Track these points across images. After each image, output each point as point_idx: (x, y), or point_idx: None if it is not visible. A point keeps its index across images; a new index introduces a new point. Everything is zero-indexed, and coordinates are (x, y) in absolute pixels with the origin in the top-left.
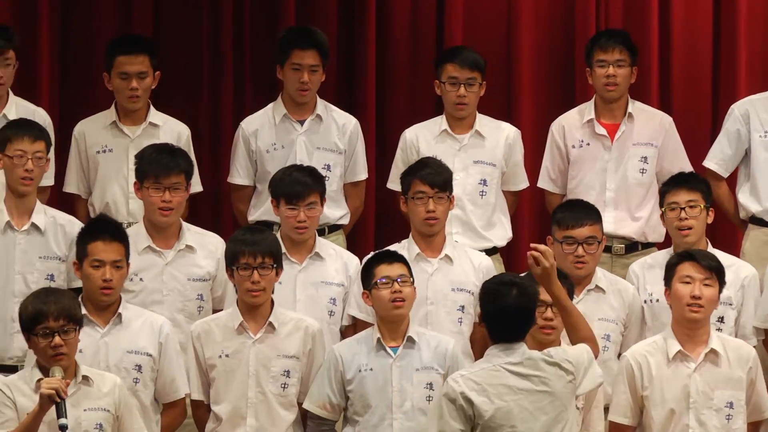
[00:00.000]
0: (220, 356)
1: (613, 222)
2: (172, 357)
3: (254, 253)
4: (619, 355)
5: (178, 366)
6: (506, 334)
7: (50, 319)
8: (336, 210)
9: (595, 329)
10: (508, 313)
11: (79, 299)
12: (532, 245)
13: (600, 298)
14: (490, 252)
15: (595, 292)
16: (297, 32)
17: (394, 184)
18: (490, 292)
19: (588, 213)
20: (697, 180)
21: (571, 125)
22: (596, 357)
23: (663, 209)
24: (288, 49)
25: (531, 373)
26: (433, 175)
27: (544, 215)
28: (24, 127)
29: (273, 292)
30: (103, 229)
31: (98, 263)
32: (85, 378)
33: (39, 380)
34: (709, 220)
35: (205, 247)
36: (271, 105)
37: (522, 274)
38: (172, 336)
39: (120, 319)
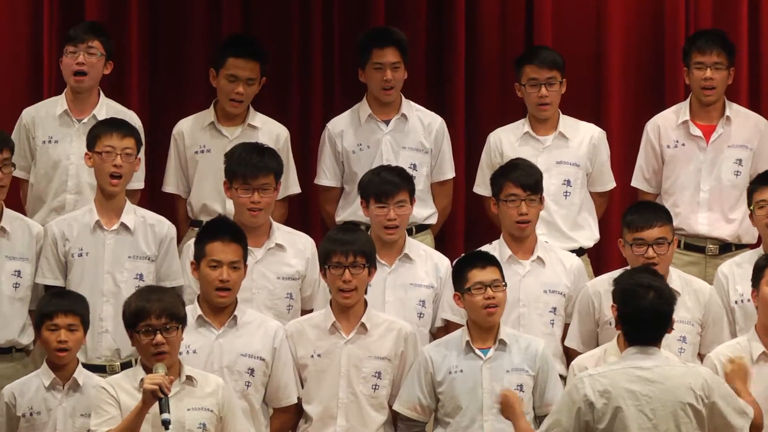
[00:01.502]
0: (312, 356)
1: (707, 223)
2: (286, 362)
3: (346, 252)
4: (699, 355)
5: (292, 371)
6: (640, 337)
7: (152, 316)
8: (423, 209)
9: (671, 335)
10: (642, 315)
11: (196, 299)
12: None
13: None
14: (577, 253)
15: None
16: (375, 32)
17: (480, 188)
18: (627, 294)
19: (657, 214)
20: None
21: (666, 125)
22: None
23: (751, 208)
24: (368, 50)
25: (658, 380)
26: (525, 177)
27: None
28: (113, 124)
29: (366, 293)
30: (222, 229)
31: (216, 264)
32: (189, 378)
33: (143, 379)
34: None
35: (295, 246)
36: (356, 106)
37: (618, 271)
38: (287, 341)
39: (235, 322)
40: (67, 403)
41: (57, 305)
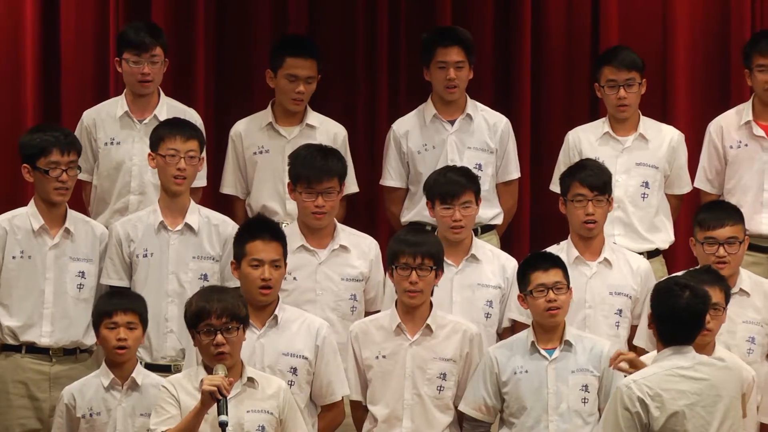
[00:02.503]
0: (377, 357)
1: None
2: (330, 360)
3: (414, 253)
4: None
5: (335, 368)
6: (676, 337)
7: (213, 317)
8: (488, 210)
9: (739, 332)
10: (679, 314)
11: None
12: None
13: (744, 301)
14: (653, 254)
15: (739, 296)
16: (440, 31)
17: (556, 186)
18: (662, 293)
19: (729, 213)
20: None
21: (729, 126)
22: None
23: None
24: (432, 49)
25: (703, 377)
26: (593, 177)
27: None
28: (176, 126)
29: (432, 295)
30: (262, 228)
31: (257, 263)
32: (251, 380)
33: (203, 380)
34: None
35: (359, 248)
36: (421, 106)
37: (680, 273)
38: (330, 339)
39: (276, 321)
40: (126, 402)
41: (116, 303)
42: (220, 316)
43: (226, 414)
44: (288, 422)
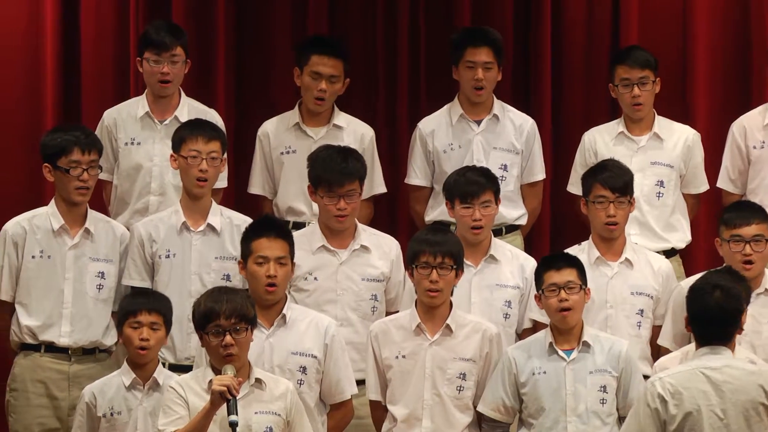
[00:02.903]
0: (397, 357)
1: None
2: (338, 358)
3: (435, 252)
4: None
5: (344, 367)
6: (708, 336)
7: (221, 317)
8: (513, 210)
9: (765, 333)
10: (710, 314)
11: None
12: None
13: None
14: (669, 253)
15: (765, 296)
16: (470, 31)
17: (574, 187)
18: (695, 293)
19: (755, 212)
20: None
21: (752, 126)
22: None
23: None
24: (462, 48)
25: (728, 380)
26: (614, 179)
27: None
28: (198, 127)
29: (452, 294)
30: (267, 226)
31: (262, 260)
32: (258, 381)
33: (211, 380)
34: None
35: (380, 248)
36: (448, 105)
37: (700, 274)
38: (339, 337)
39: (284, 320)
40: (147, 402)
41: (141, 303)
42: (229, 317)
43: (236, 414)
44: (295, 424)
